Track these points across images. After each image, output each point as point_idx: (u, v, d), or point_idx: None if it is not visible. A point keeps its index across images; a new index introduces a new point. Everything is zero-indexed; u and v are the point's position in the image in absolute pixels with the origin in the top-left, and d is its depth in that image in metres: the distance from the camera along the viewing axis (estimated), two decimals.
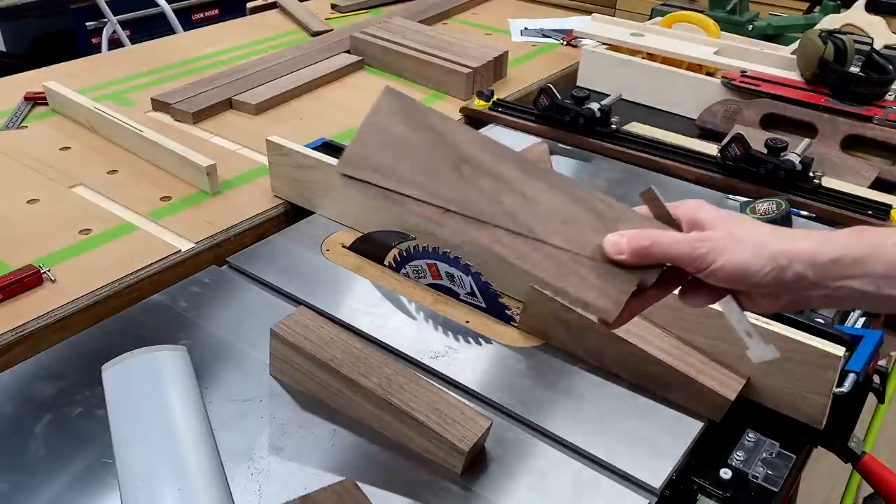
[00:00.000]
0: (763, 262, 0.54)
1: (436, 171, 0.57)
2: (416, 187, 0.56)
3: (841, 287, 0.55)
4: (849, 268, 0.54)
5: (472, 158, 0.58)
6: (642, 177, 1.25)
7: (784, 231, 0.57)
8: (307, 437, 0.75)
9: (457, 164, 0.57)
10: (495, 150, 0.59)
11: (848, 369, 0.77)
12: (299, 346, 0.77)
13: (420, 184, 0.56)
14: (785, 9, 1.94)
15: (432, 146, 0.57)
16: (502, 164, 0.58)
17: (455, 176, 0.57)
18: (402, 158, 0.56)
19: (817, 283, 0.55)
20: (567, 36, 1.88)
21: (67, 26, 2.90)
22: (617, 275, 0.57)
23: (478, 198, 0.57)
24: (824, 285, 0.55)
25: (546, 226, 0.57)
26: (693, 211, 0.59)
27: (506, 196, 0.57)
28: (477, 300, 0.93)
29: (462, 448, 0.70)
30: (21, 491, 0.69)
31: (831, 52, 1.39)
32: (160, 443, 0.68)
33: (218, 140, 1.34)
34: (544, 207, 0.58)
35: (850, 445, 0.81)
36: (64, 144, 1.30)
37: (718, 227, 0.56)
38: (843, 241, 0.55)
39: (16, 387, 0.80)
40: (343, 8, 2.07)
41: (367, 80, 1.62)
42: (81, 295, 0.92)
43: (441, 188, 0.56)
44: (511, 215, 0.57)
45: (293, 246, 1.04)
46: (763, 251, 0.55)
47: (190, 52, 1.72)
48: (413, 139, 0.57)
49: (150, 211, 1.11)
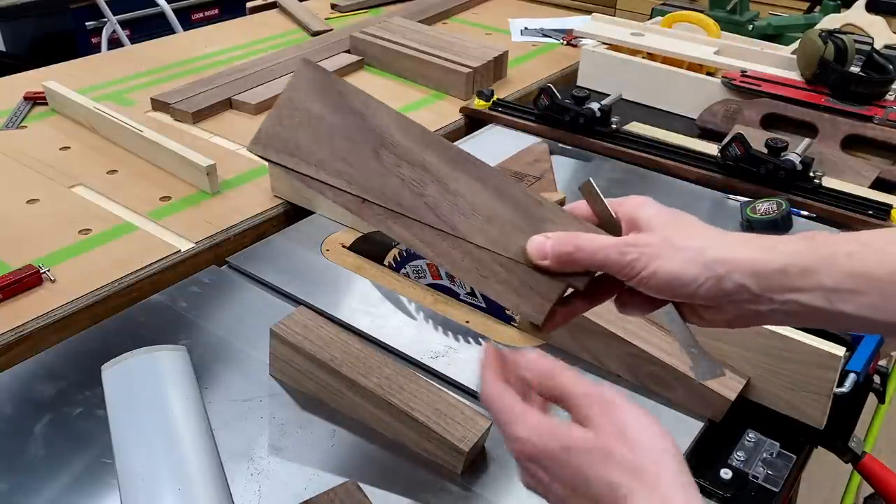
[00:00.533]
0: (697, 271, 0.49)
1: (354, 156, 0.53)
2: (333, 174, 0.53)
3: (788, 301, 0.49)
4: (796, 279, 0.48)
5: (395, 144, 0.54)
6: (642, 177, 1.25)
7: (732, 237, 0.51)
8: (307, 438, 0.75)
9: (377, 149, 0.53)
10: (420, 136, 0.54)
11: (848, 369, 0.77)
12: (299, 347, 0.77)
13: (337, 170, 0.53)
14: (785, 9, 1.94)
15: (352, 128, 0.53)
16: (427, 152, 0.54)
17: (375, 162, 0.53)
18: (319, 141, 0.53)
19: (761, 295, 0.49)
20: (567, 36, 1.88)
21: (67, 26, 2.89)
22: (541, 280, 0.53)
23: (398, 188, 0.53)
24: (769, 298, 0.49)
25: (469, 222, 0.54)
26: (634, 209, 0.54)
27: (428, 187, 0.53)
28: (477, 300, 0.93)
29: (462, 448, 0.70)
30: (21, 491, 0.69)
31: (832, 51, 1.39)
32: (160, 443, 0.68)
33: (218, 140, 1.34)
34: (468, 202, 0.54)
35: (850, 445, 0.81)
36: (64, 144, 1.29)
37: (656, 230, 0.51)
38: (791, 249, 0.49)
39: (15, 387, 0.80)
40: (343, 8, 2.07)
41: (367, 80, 1.62)
42: (81, 295, 0.92)
43: (359, 176, 0.53)
44: (432, 209, 0.53)
45: (293, 246, 1.04)
46: (699, 258, 0.49)
47: (189, 52, 1.72)
48: (332, 120, 0.53)
49: (150, 211, 1.11)
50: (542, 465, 0.47)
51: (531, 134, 1.36)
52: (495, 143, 1.34)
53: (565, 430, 0.46)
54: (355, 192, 0.53)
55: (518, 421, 0.48)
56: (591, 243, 0.52)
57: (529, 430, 0.47)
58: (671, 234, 0.51)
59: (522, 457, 0.48)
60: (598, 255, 0.51)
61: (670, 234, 0.51)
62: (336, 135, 0.53)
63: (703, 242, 0.50)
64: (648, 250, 0.50)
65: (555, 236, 0.53)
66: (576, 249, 0.52)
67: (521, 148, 1.30)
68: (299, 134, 0.53)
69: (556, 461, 0.46)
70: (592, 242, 0.52)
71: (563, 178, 1.24)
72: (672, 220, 0.52)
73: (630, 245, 0.51)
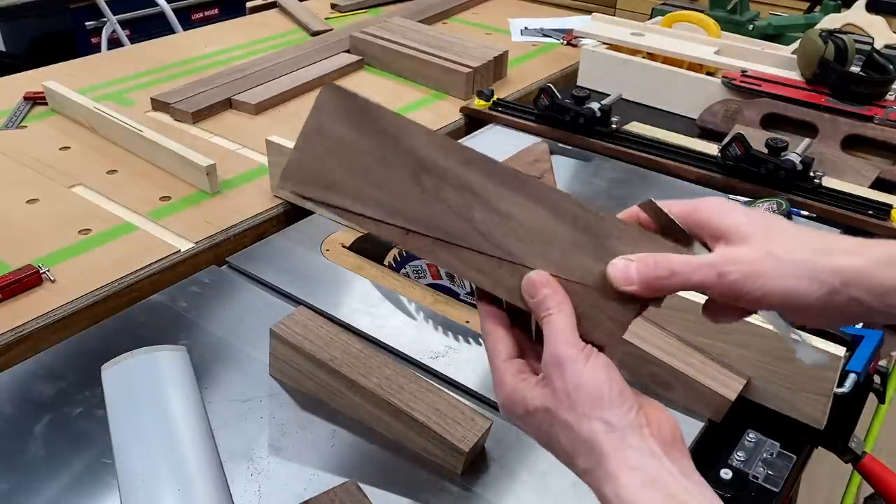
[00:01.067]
0: (809, 287, 0.45)
1: (392, 183, 0.49)
2: (372, 204, 0.48)
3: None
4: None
5: (434, 166, 0.49)
6: (643, 177, 1.25)
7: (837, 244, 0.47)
8: (307, 438, 0.75)
9: (416, 173, 0.49)
10: (461, 154, 0.49)
11: (848, 369, 0.77)
12: (299, 346, 0.77)
13: (376, 200, 0.48)
14: (785, 8, 1.94)
15: (386, 152, 0.49)
16: (470, 172, 0.49)
17: (415, 188, 0.49)
18: (353, 169, 0.48)
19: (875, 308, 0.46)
20: (567, 35, 1.88)
21: (67, 26, 2.89)
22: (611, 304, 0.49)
23: (444, 214, 0.49)
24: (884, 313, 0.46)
25: (525, 246, 0.49)
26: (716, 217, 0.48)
27: (476, 211, 0.49)
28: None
29: (462, 448, 0.69)
30: (21, 491, 0.69)
31: (832, 51, 1.39)
32: (160, 443, 0.68)
33: (217, 140, 1.34)
34: (522, 224, 0.50)
35: (850, 446, 0.81)
36: (63, 144, 1.29)
37: (752, 241, 0.47)
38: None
39: (15, 387, 0.80)
40: (343, 7, 2.07)
41: (367, 80, 1.62)
42: (81, 295, 0.92)
43: (400, 204, 0.48)
44: (484, 235, 0.49)
45: (293, 246, 1.04)
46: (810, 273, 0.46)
47: (189, 52, 1.72)
48: (364, 146, 0.49)
49: (150, 211, 1.11)
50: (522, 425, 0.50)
51: (531, 134, 1.36)
52: (495, 143, 1.34)
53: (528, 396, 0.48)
54: (398, 223, 0.49)
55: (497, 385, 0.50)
56: (685, 267, 0.47)
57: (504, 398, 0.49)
58: (772, 245, 0.46)
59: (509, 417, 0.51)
60: (694, 279, 0.47)
61: (771, 246, 0.46)
62: (370, 161, 0.48)
63: (810, 254, 0.46)
64: (752, 269, 0.46)
65: (639, 259, 0.48)
66: (670, 274, 0.47)
67: (521, 148, 1.30)
68: (330, 163, 0.48)
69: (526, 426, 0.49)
70: (687, 265, 0.47)
71: (564, 178, 1.24)
72: (764, 229, 0.47)
73: (729, 263, 0.46)
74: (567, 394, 0.46)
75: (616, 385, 0.47)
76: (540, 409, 0.47)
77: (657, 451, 0.45)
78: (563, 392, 0.46)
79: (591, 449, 0.45)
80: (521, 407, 0.48)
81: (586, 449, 0.46)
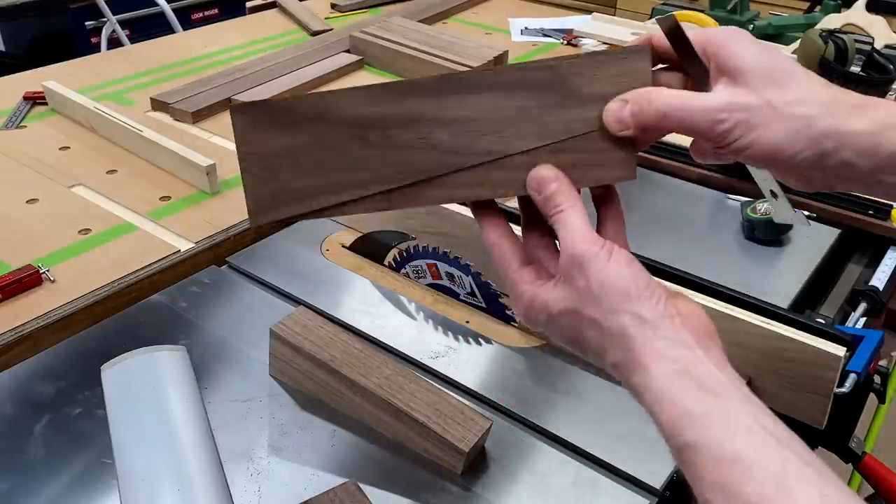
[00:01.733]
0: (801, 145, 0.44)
1: (345, 158, 0.47)
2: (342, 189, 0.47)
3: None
4: None
5: (371, 120, 0.47)
6: (643, 176, 1.25)
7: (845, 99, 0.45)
8: (307, 438, 0.75)
9: (360, 135, 0.47)
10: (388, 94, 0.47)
11: (848, 369, 0.77)
12: (299, 347, 0.77)
13: (342, 182, 0.47)
14: (785, 8, 1.94)
15: (323, 134, 0.47)
16: (405, 104, 0.47)
17: (368, 149, 0.47)
18: (305, 169, 0.47)
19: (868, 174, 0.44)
20: (567, 35, 1.88)
21: (66, 26, 2.89)
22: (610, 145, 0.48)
23: (408, 157, 0.47)
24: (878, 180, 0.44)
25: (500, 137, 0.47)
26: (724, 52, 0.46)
27: (434, 135, 0.47)
28: (477, 300, 0.93)
29: (462, 449, 0.69)
30: (21, 491, 0.69)
31: (832, 51, 1.39)
32: (160, 443, 0.67)
33: (217, 140, 1.34)
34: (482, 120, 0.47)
35: (850, 446, 0.81)
36: (63, 144, 1.29)
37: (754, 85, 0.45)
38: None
39: (15, 387, 0.80)
40: (343, 7, 2.07)
41: (367, 80, 1.62)
42: (81, 295, 0.92)
43: (364, 174, 0.47)
44: (456, 151, 0.47)
45: (293, 246, 1.04)
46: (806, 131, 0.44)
47: (189, 52, 1.72)
48: (300, 141, 0.47)
49: (150, 211, 1.11)
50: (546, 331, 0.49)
51: None
52: None
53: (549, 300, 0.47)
54: (374, 190, 0.47)
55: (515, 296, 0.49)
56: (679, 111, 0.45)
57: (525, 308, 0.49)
58: (774, 93, 0.44)
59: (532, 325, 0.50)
60: (686, 123, 0.45)
61: (773, 93, 0.44)
62: (315, 151, 0.47)
63: (812, 109, 0.44)
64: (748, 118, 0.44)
65: (633, 98, 0.47)
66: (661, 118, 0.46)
67: None
68: (283, 177, 0.48)
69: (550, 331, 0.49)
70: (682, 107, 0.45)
71: None
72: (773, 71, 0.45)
73: (725, 111, 0.44)
74: (591, 292, 0.45)
75: (642, 279, 0.45)
76: (563, 312, 0.46)
77: (689, 342, 0.43)
78: (586, 291, 0.45)
79: (621, 342, 0.44)
80: (545, 313, 0.47)
81: (616, 342, 0.44)
